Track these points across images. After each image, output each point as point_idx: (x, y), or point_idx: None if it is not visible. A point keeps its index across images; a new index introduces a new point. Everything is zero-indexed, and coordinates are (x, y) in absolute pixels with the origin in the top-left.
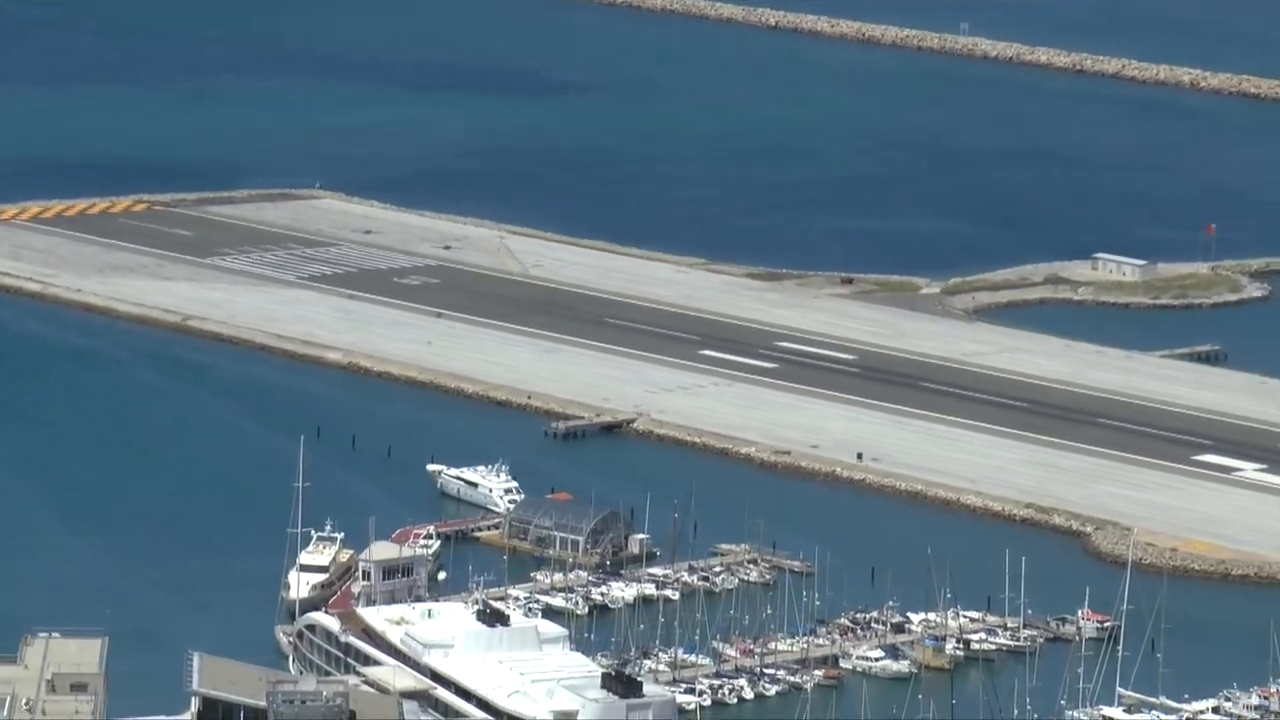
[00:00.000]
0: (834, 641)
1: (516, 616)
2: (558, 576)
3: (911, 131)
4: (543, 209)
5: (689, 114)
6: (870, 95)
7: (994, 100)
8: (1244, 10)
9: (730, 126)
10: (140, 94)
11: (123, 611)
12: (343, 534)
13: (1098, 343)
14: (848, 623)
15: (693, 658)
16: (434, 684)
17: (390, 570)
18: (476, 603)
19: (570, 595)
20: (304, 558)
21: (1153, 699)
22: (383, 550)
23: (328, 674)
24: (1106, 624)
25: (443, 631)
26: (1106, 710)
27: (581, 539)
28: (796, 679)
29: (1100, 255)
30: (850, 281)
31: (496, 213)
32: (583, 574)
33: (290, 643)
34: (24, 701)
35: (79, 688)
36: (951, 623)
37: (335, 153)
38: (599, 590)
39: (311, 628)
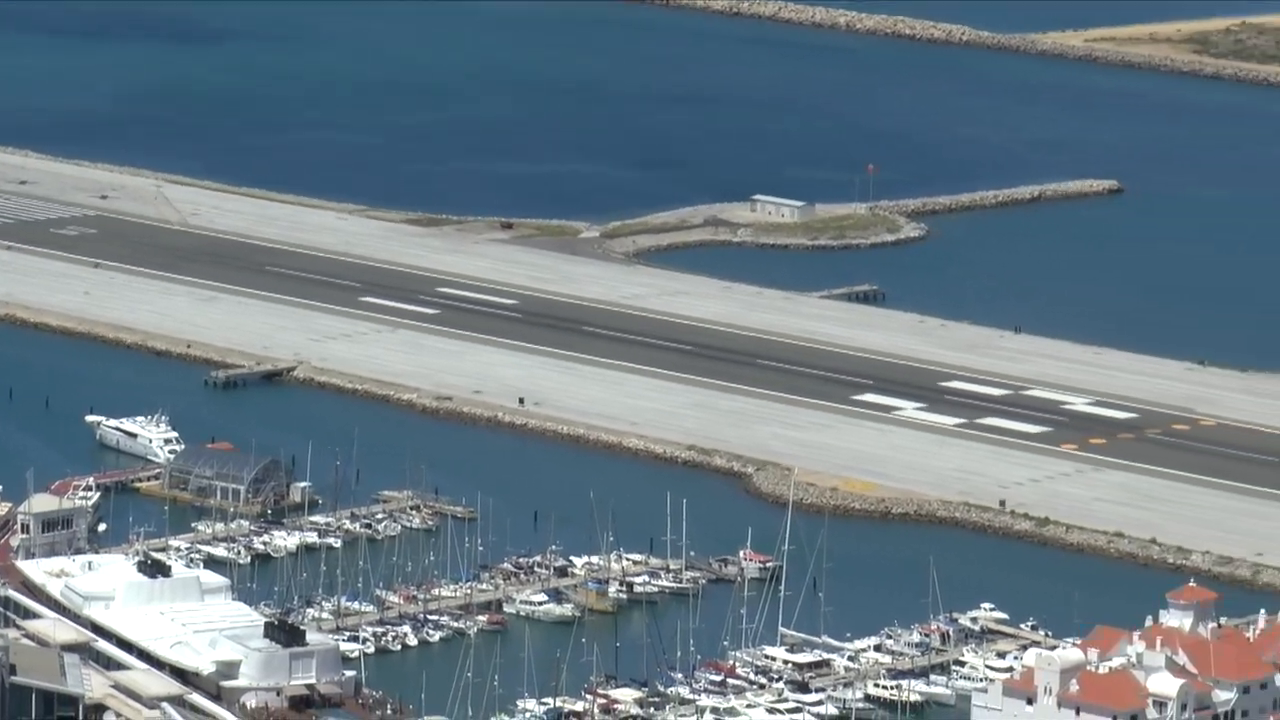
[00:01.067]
0: (497, 586)
1: (178, 567)
2: (219, 526)
3: (569, 76)
4: (199, 158)
5: (343, 60)
6: (528, 40)
7: (652, 44)
8: None
9: (385, 72)
10: None
11: None
12: (0, 486)
13: (757, 284)
14: (511, 567)
15: (356, 605)
16: (95, 636)
17: (49, 523)
18: (137, 554)
19: (232, 545)
20: None
21: (815, 638)
22: (41, 502)
23: None
24: (768, 564)
25: (103, 583)
26: (769, 650)
27: (243, 488)
28: (460, 625)
29: (759, 197)
30: (510, 226)
31: (153, 161)
32: (244, 523)
33: None
34: None
35: None
36: (614, 566)
37: None
38: (261, 539)
39: None
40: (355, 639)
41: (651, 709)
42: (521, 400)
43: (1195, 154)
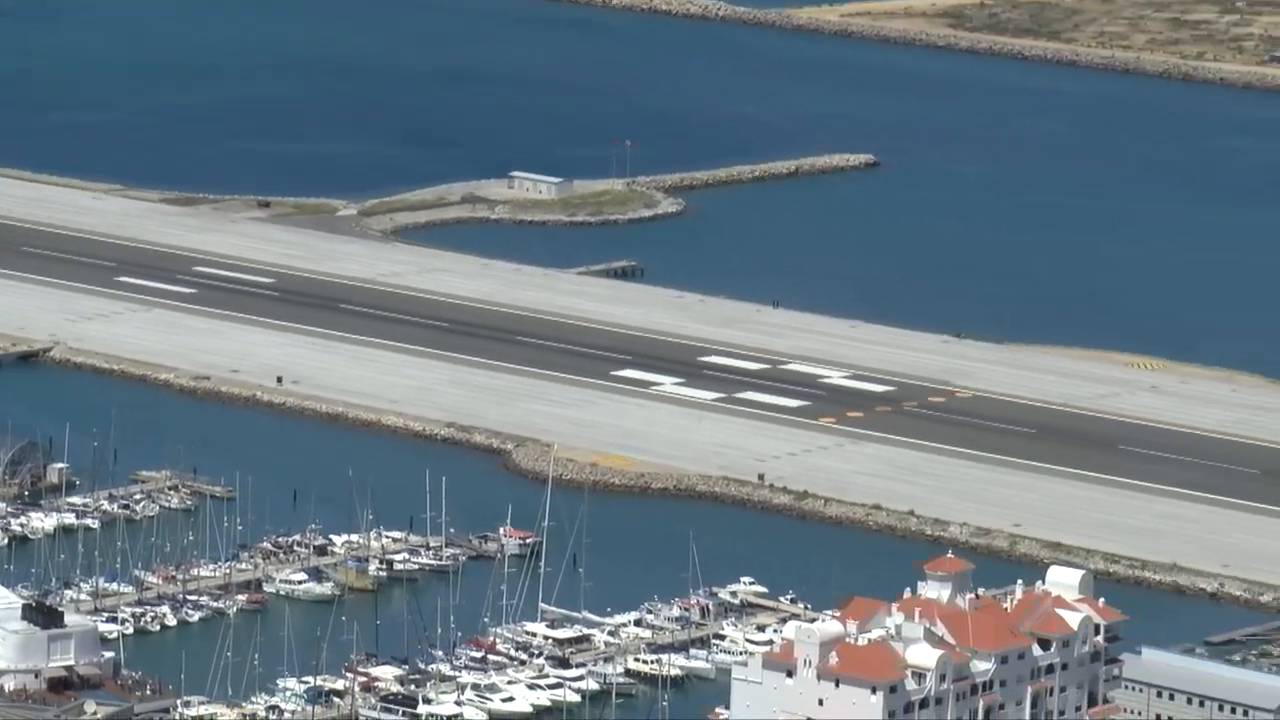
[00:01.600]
0: (257, 566)
1: None
2: None
3: (330, 54)
4: None
5: (96, 38)
6: (290, 18)
7: (409, 21)
8: None
9: (138, 50)
10: None
11: None
12: None
13: (516, 261)
14: (270, 547)
15: (115, 586)
16: None
17: None
18: None
19: None
20: None
21: (575, 614)
22: None
23: None
24: (528, 540)
25: None
26: (530, 626)
27: None
28: (220, 604)
29: (517, 174)
30: (267, 205)
31: None
32: (1, 505)
33: None
34: None
35: None
36: (374, 544)
37: None
38: (18, 521)
39: None
40: (114, 620)
41: (413, 686)
42: (280, 379)
43: (951, 128)
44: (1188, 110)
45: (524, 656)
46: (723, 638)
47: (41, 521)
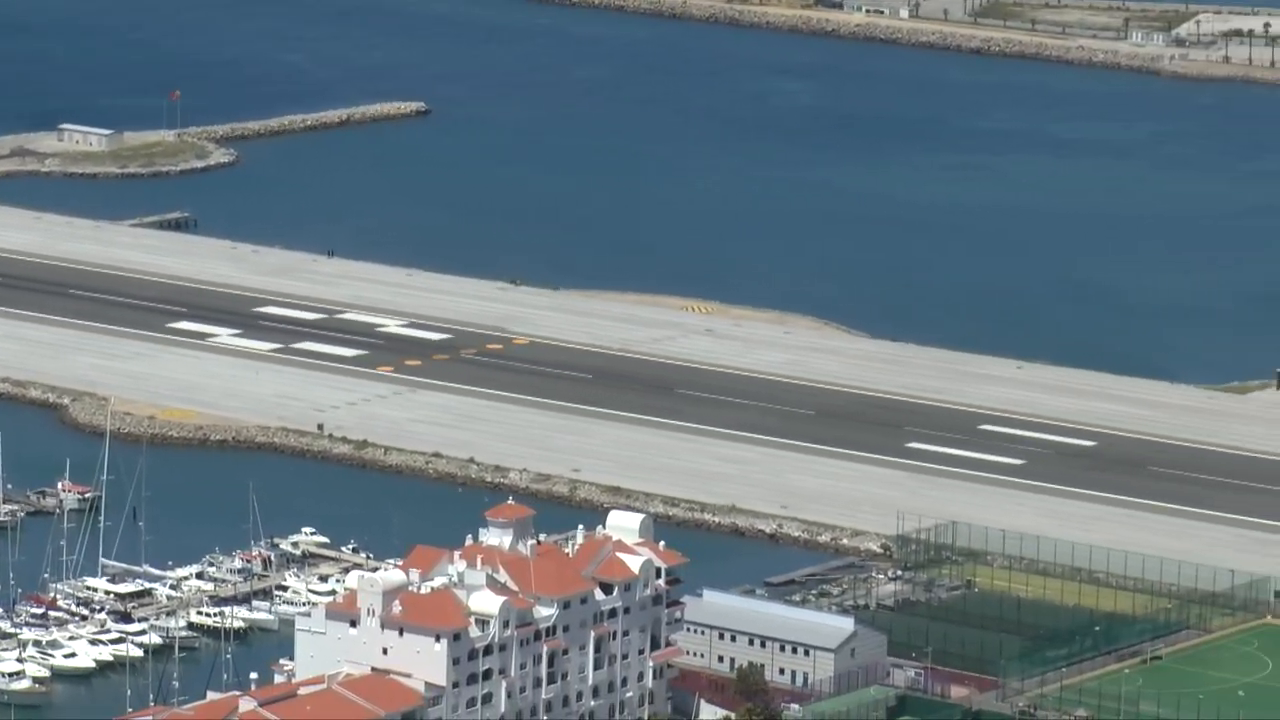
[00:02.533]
0: None
1: None
2: None
3: None
4: None
5: None
6: None
7: None
8: None
9: None
10: None
11: None
12: None
13: (67, 214)
14: None
15: None
16: None
17: None
18: None
19: None
20: None
21: (136, 567)
22: None
23: None
24: (87, 494)
25: None
26: (91, 581)
27: None
28: None
29: (66, 126)
30: None
31: None
32: None
33: None
34: None
35: None
36: None
37: None
38: None
39: None
40: None
41: None
42: None
43: (501, 75)
44: (733, 54)
45: (85, 612)
46: (285, 589)
47: None
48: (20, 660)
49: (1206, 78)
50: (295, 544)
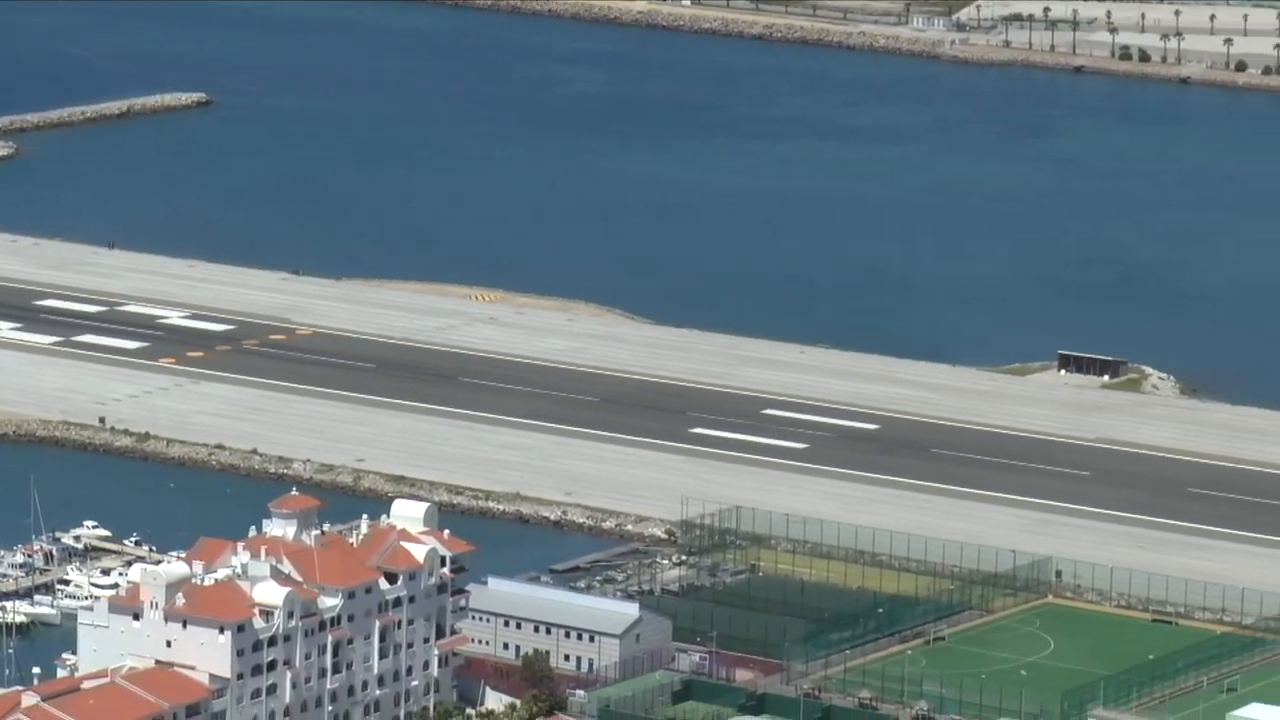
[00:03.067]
0: None
1: None
2: None
3: None
4: None
5: None
6: None
7: None
8: None
9: None
10: None
11: None
12: None
13: None
14: None
15: None
16: None
17: None
18: None
19: None
20: None
21: None
22: None
23: None
24: None
25: None
26: None
27: None
28: None
29: None
30: None
31: None
32: None
33: None
34: None
35: None
36: None
37: None
38: None
39: None
40: None
41: None
42: None
43: (284, 66)
44: (516, 42)
45: None
46: (68, 583)
47: None
48: None
49: (987, 62)
50: (77, 538)
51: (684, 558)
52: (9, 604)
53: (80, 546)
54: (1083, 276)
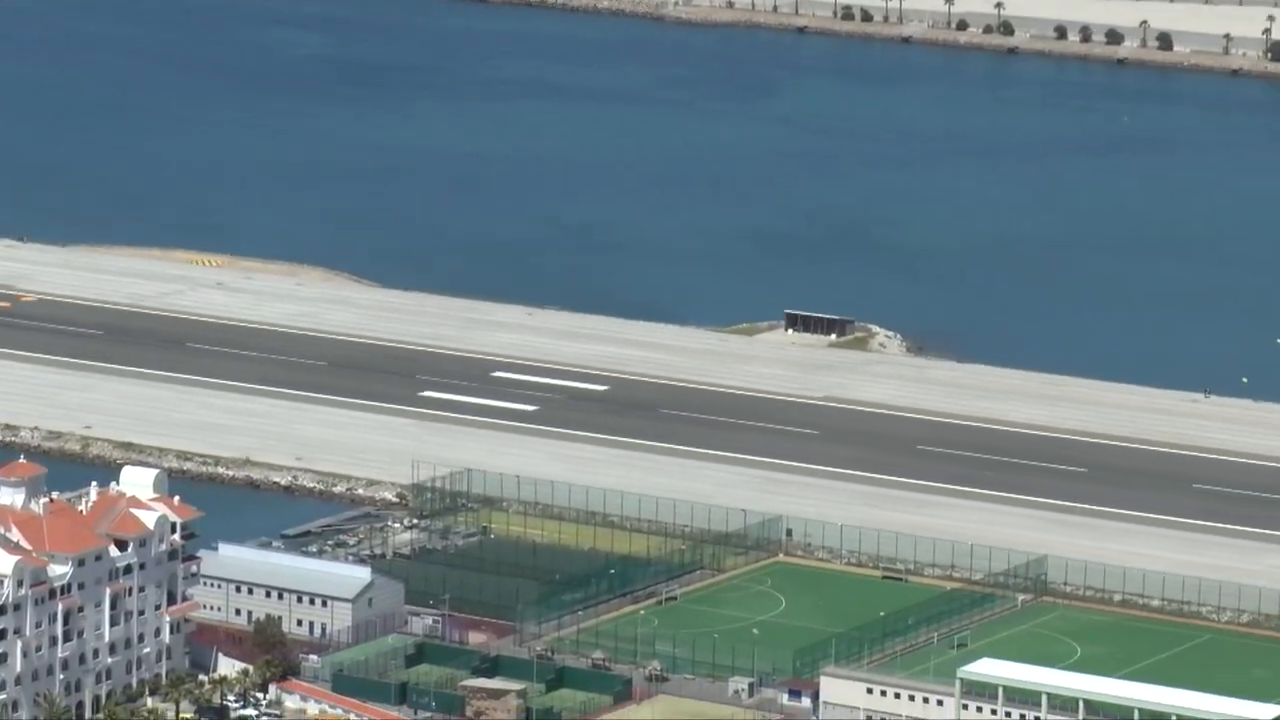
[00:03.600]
0: None
1: None
2: None
3: None
4: None
5: None
6: None
7: None
8: None
9: None
10: None
11: None
12: None
13: None
14: None
15: None
16: None
17: None
18: None
19: None
20: None
21: None
22: None
23: None
24: None
25: None
26: None
27: None
28: None
29: None
30: None
31: None
32: None
33: None
34: None
35: None
36: None
37: None
38: None
39: None
40: None
41: None
42: None
43: None
44: (234, 5)
45: None
46: None
47: None
48: None
49: (710, 23)
50: None
51: (415, 521)
52: None
53: None
54: (808, 236)
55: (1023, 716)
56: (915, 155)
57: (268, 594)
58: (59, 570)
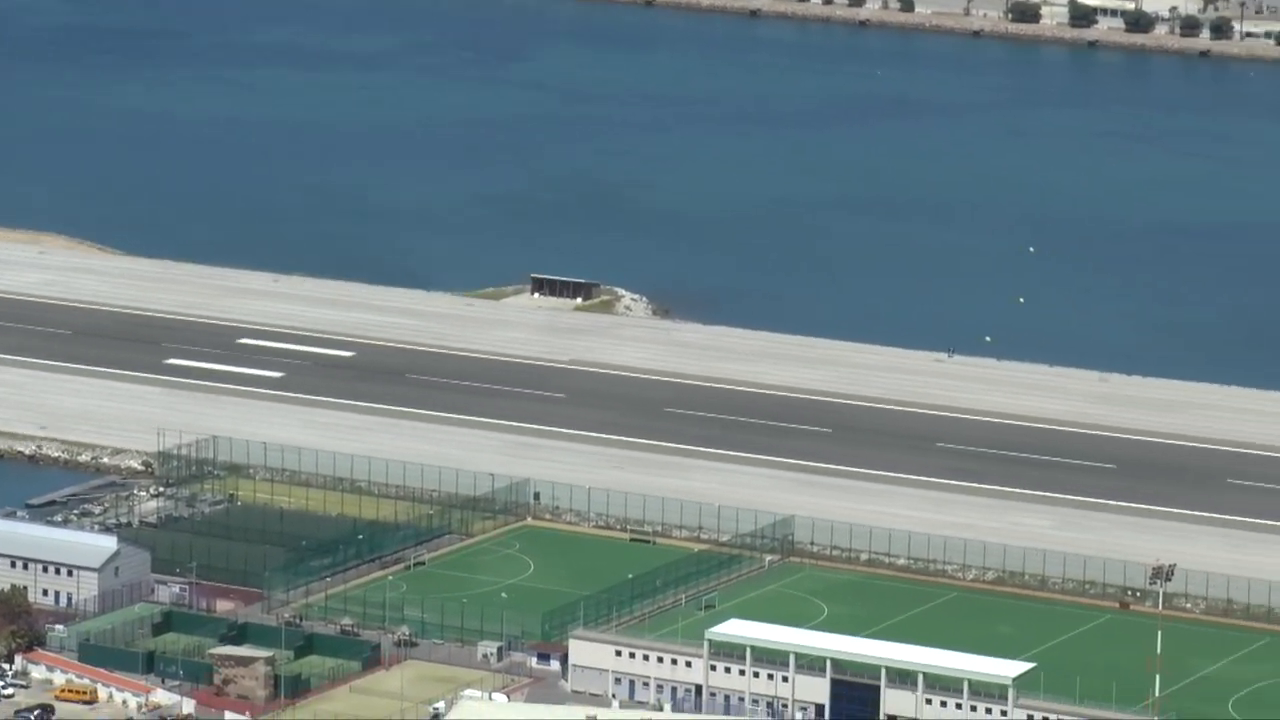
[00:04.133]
0: None
1: None
2: None
3: None
4: None
5: None
6: None
7: None
8: None
9: None
10: None
11: None
12: None
13: None
14: None
15: None
16: None
17: None
18: None
19: None
20: None
21: None
22: None
23: None
24: None
25: None
26: None
27: None
28: None
29: None
30: None
31: None
32: None
33: None
34: None
35: None
36: None
37: None
38: None
39: None
40: None
41: None
42: None
43: None
44: None
45: None
46: None
47: None
48: None
49: None
50: None
51: (162, 489)
52: None
53: None
54: (556, 200)
55: (770, 676)
56: (663, 120)
57: (12, 564)
58: None
